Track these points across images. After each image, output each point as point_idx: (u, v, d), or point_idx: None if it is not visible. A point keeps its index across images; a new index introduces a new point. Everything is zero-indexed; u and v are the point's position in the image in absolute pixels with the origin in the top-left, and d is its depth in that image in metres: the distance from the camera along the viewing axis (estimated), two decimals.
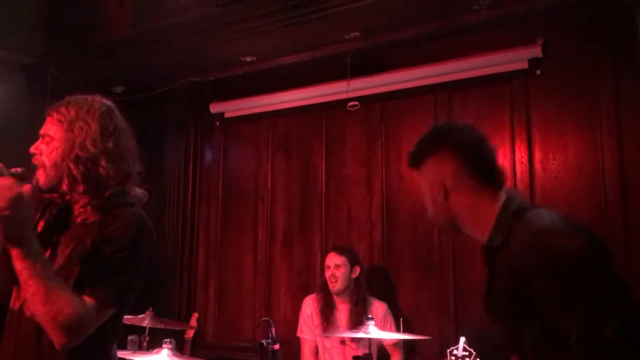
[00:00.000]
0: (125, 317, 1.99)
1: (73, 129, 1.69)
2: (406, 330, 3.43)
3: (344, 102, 4.27)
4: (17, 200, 1.43)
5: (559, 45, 3.77)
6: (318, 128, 4.62)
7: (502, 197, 1.55)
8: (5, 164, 1.57)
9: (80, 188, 1.67)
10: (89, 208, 1.67)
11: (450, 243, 3.98)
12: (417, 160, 1.64)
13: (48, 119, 1.75)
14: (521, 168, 3.82)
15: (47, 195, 1.74)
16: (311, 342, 3.87)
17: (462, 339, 2.58)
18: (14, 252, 1.47)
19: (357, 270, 3.79)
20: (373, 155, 4.37)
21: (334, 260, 3.76)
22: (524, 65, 3.83)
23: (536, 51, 3.76)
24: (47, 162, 1.70)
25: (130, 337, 3.86)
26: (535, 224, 1.41)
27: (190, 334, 4.51)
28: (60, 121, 1.71)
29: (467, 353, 2.54)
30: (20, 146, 5.52)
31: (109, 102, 1.82)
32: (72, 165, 1.66)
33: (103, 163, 1.67)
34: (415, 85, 4.18)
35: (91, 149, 1.67)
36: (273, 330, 2.95)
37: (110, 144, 1.69)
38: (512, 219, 1.47)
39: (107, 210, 1.66)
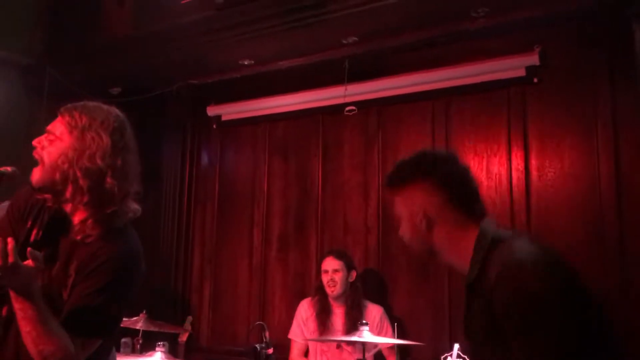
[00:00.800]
0: None
1: (84, 138, 1.67)
2: (400, 335, 3.42)
3: (341, 107, 4.27)
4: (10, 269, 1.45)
5: (556, 53, 3.79)
6: (315, 132, 4.62)
7: (475, 229, 1.53)
8: (2, 160, 1.57)
9: (85, 199, 1.65)
10: (90, 222, 1.66)
11: None
12: (398, 184, 1.62)
13: (58, 118, 1.74)
14: (517, 175, 3.82)
15: (38, 196, 1.71)
16: (301, 345, 3.87)
17: (457, 346, 2.58)
18: (13, 294, 1.51)
19: (354, 274, 3.80)
20: (370, 161, 4.37)
21: (331, 264, 3.76)
22: (522, 72, 3.84)
23: (533, 59, 3.77)
24: (47, 160, 1.68)
25: (123, 340, 3.84)
26: (507, 257, 1.40)
27: (184, 337, 4.49)
28: (70, 125, 1.69)
29: None
30: (18, 145, 5.52)
31: (122, 116, 1.80)
32: (79, 174, 1.64)
33: (109, 179, 1.65)
34: (413, 91, 4.18)
35: (100, 162, 1.65)
36: (267, 334, 2.95)
37: (118, 161, 1.68)
38: (487, 250, 1.46)
39: (107, 230, 1.67)
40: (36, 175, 1.68)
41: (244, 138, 4.96)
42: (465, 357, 2.51)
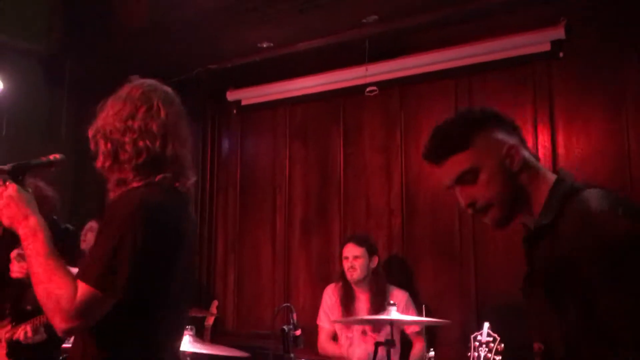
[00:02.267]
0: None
1: (107, 108, 1.72)
2: (428, 317, 3.39)
3: (362, 88, 4.22)
4: (10, 199, 1.62)
5: (582, 26, 3.69)
6: (336, 115, 4.58)
7: (550, 176, 1.46)
8: (24, 151, 1.61)
9: (108, 163, 1.68)
10: (114, 184, 1.69)
11: (471, 229, 3.93)
12: (470, 135, 1.47)
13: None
14: (544, 153, 3.75)
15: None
16: (329, 330, 3.87)
17: (487, 325, 2.53)
18: (19, 234, 1.60)
19: (375, 260, 3.76)
20: (392, 142, 4.32)
21: (352, 251, 3.73)
22: (547, 47, 3.75)
23: (559, 33, 3.68)
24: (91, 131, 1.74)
25: None
26: (591, 205, 1.33)
27: (210, 320, 4.52)
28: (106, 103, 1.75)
29: (491, 338, 2.48)
30: (40, 134, 5.57)
31: (160, 85, 1.80)
32: (102, 142, 1.69)
33: (127, 139, 1.65)
34: (435, 70, 4.12)
35: (118, 125, 1.67)
36: (294, 316, 2.94)
37: (136, 123, 1.67)
38: (564, 199, 1.38)
39: (125, 190, 1.66)
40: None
41: (264, 123, 4.94)
42: (496, 335, 2.47)
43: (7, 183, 1.66)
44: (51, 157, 1.74)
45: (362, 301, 3.75)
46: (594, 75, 3.65)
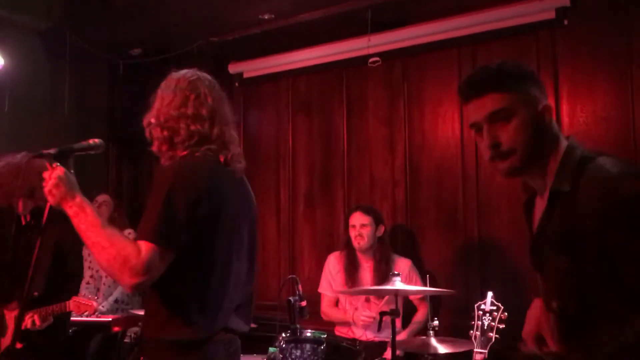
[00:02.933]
0: None
1: (159, 99, 1.92)
2: (432, 286, 3.42)
3: (364, 59, 4.19)
4: (58, 179, 1.81)
5: None
6: (339, 86, 4.56)
7: (564, 143, 1.50)
8: (27, 126, 1.66)
9: (164, 147, 1.90)
10: (166, 160, 1.91)
11: (475, 199, 3.95)
12: (517, 80, 1.50)
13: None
14: None
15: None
16: (331, 297, 3.91)
17: (490, 294, 2.56)
18: (68, 213, 1.79)
19: (382, 229, 3.80)
20: (395, 113, 4.31)
21: (359, 219, 3.75)
22: (551, 15, 3.71)
23: (564, 0, 3.63)
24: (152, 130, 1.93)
25: None
26: (609, 170, 1.38)
27: None
28: (155, 94, 1.95)
29: (494, 307, 2.52)
30: (42, 109, 5.56)
31: (200, 74, 2.01)
32: (156, 128, 1.89)
33: (182, 125, 1.86)
34: (438, 39, 4.08)
35: (173, 112, 1.88)
36: (300, 287, 2.97)
37: (189, 110, 1.88)
38: (579, 166, 1.43)
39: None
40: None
41: (266, 95, 4.92)
42: (499, 304, 2.50)
43: (54, 165, 1.84)
44: (91, 141, 1.93)
45: (366, 269, 3.79)
46: (599, 43, 3.61)
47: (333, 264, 3.92)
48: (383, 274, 3.60)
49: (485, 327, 2.50)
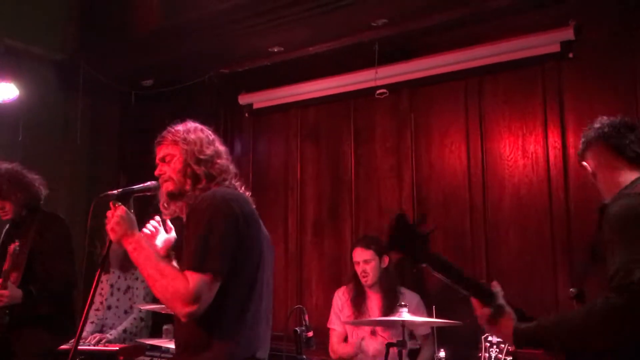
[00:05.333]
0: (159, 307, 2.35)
1: (188, 141, 2.10)
2: (439, 317, 3.41)
3: (372, 90, 4.24)
4: (120, 218, 2.00)
5: (592, 27, 3.68)
6: (346, 117, 4.61)
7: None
8: (40, 155, 1.77)
9: (201, 184, 2.06)
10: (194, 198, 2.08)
11: (483, 229, 3.95)
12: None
13: (159, 147, 2.15)
14: (554, 153, 3.75)
15: (169, 216, 2.17)
16: (340, 332, 3.88)
17: None
18: (127, 249, 1.96)
19: (386, 260, 3.77)
20: (402, 143, 4.34)
21: (362, 255, 3.73)
22: (556, 48, 3.74)
23: (568, 34, 3.68)
24: (173, 174, 2.09)
25: (165, 327, 3.92)
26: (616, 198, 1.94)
27: None
28: (173, 141, 2.11)
29: (501, 339, 2.51)
30: (55, 139, 5.64)
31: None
32: (195, 167, 2.06)
33: (218, 161, 2.09)
34: (444, 72, 4.12)
35: (208, 152, 2.09)
36: (307, 317, 2.97)
37: (217, 147, 2.14)
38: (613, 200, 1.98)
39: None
40: (169, 187, 2.09)
41: (275, 125, 4.98)
42: None
43: (117, 205, 2.03)
44: (149, 183, 2.16)
45: (374, 301, 3.77)
46: (604, 76, 3.65)
47: (340, 297, 3.90)
48: (390, 305, 3.57)
49: (493, 359, 2.49)
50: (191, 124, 2.19)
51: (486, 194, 3.96)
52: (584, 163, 2.19)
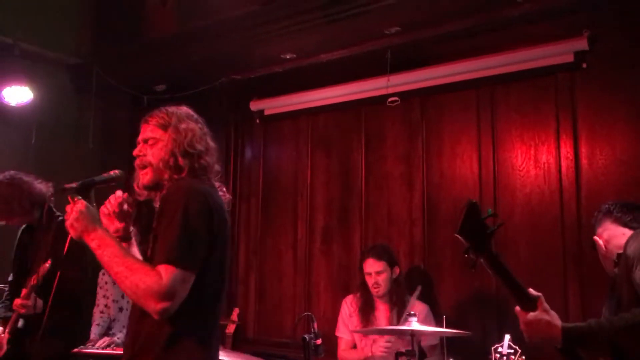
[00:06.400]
0: None
1: (179, 130, 1.98)
2: (448, 328, 3.38)
3: (384, 98, 4.24)
4: (79, 213, 1.86)
5: (605, 37, 3.66)
6: (357, 124, 4.61)
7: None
8: (52, 158, 1.76)
9: (181, 175, 1.94)
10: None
11: (493, 240, 3.91)
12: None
13: (145, 125, 2.03)
14: (567, 164, 3.73)
15: (143, 198, 2.02)
16: (348, 340, 3.86)
17: (507, 337, 2.53)
18: (91, 246, 1.83)
19: (397, 270, 3.76)
20: (413, 152, 4.33)
21: (374, 266, 3.70)
22: (570, 58, 3.72)
23: (582, 44, 3.66)
24: (154, 160, 1.96)
25: None
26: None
27: (231, 328, 4.56)
28: (163, 125, 2.00)
29: (512, 350, 2.49)
30: (68, 142, 5.68)
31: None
32: (180, 159, 1.94)
33: (205, 158, 1.98)
34: (456, 80, 4.11)
35: (198, 146, 1.98)
36: (315, 325, 2.96)
37: (208, 142, 2.03)
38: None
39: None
40: (146, 177, 1.97)
41: (286, 132, 4.98)
42: (517, 347, 2.47)
43: (76, 199, 1.88)
44: (112, 172, 2.04)
45: (382, 311, 3.75)
46: (618, 86, 3.62)
47: (348, 306, 3.89)
48: (399, 315, 3.55)
49: None
50: (185, 110, 2.08)
51: (497, 204, 3.93)
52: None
